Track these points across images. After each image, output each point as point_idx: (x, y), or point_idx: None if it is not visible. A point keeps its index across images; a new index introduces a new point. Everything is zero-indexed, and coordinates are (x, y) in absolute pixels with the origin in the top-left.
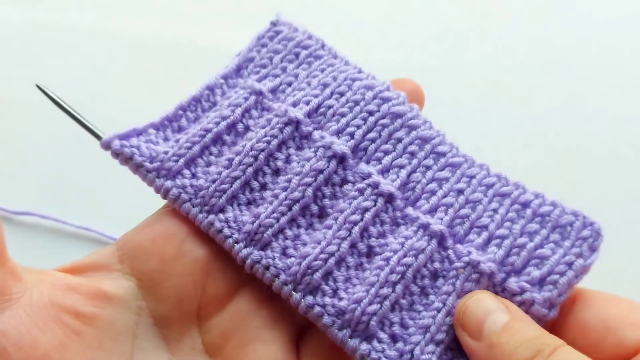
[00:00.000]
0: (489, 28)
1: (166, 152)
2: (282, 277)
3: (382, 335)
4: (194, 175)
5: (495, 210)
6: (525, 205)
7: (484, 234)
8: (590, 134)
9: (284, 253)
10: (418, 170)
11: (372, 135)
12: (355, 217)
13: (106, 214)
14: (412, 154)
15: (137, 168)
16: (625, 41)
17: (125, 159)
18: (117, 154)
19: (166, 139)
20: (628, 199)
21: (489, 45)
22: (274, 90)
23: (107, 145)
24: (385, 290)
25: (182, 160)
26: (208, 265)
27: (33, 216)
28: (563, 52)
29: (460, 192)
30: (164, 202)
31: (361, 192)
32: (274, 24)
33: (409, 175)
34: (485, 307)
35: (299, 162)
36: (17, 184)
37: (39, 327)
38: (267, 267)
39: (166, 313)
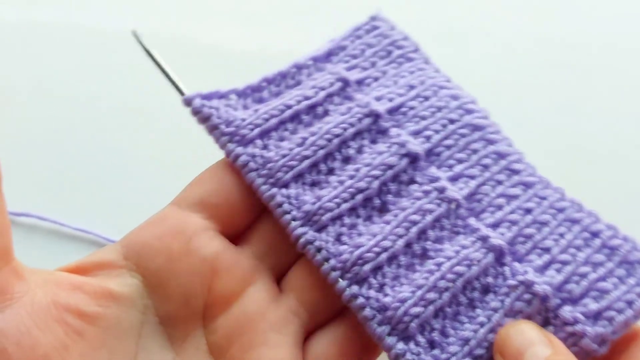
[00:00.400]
0: (490, 28)
1: (243, 119)
2: (332, 262)
3: (421, 339)
4: (265, 147)
5: (562, 235)
6: (596, 234)
7: (545, 257)
8: (590, 134)
9: (338, 239)
10: (488, 183)
11: (448, 142)
12: (416, 217)
13: (106, 216)
14: (485, 167)
15: (212, 129)
16: (626, 41)
17: (203, 118)
18: (196, 112)
19: (245, 108)
20: (628, 199)
21: (490, 45)
22: (359, 82)
23: (188, 102)
24: (432, 295)
25: (257, 130)
26: (215, 264)
27: (31, 217)
28: (563, 52)
29: (528, 211)
30: (166, 202)
31: (426, 194)
32: (373, 18)
33: (478, 186)
34: (528, 338)
35: (370, 154)
36: (16, 185)
37: (39, 327)
38: (319, 250)
39: (172, 312)
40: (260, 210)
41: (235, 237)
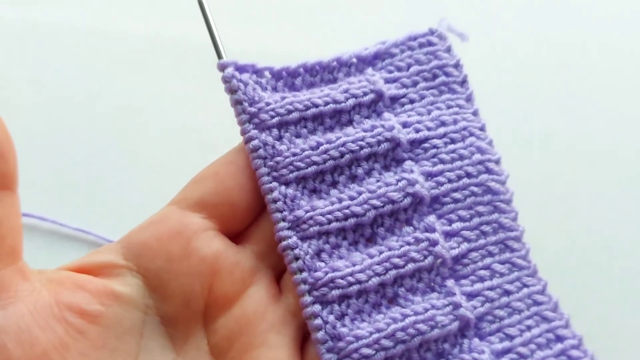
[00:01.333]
0: (489, 28)
1: (268, 104)
2: (305, 275)
3: None
4: (280, 138)
5: (529, 328)
6: (560, 339)
7: (506, 344)
8: (590, 134)
9: (318, 254)
10: (480, 251)
11: (457, 195)
12: (399, 261)
13: (106, 216)
14: (483, 234)
15: (236, 104)
16: (625, 41)
17: (231, 89)
18: (226, 81)
19: (275, 89)
20: (628, 199)
21: (489, 45)
22: (394, 99)
23: (222, 68)
24: (386, 343)
25: (276, 119)
26: (215, 265)
27: (32, 218)
28: (563, 52)
29: (507, 293)
30: (165, 202)
31: (417, 241)
32: (431, 32)
33: (469, 251)
34: None
35: (377, 181)
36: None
37: (39, 325)
38: (296, 258)
39: (173, 313)
40: (261, 209)
41: (236, 235)
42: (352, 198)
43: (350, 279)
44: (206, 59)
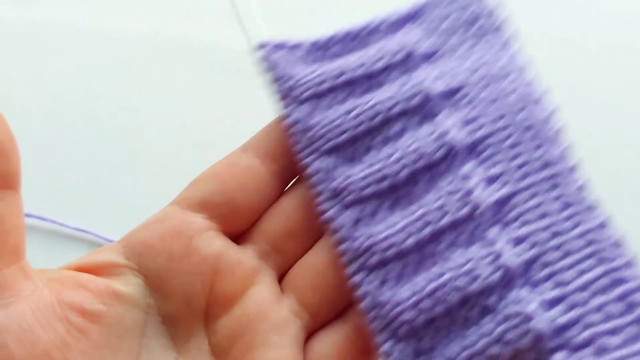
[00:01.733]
0: None
1: (301, 78)
2: (347, 244)
3: (407, 346)
4: (312, 111)
5: (583, 272)
6: (620, 281)
7: (558, 291)
8: (590, 133)
9: (356, 223)
10: (525, 192)
11: (494, 139)
12: (434, 216)
13: (106, 216)
14: (528, 174)
15: (271, 81)
16: (627, 39)
17: (267, 68)
18: (262, 60)
19: (307, 63)
20: (628, 198)
21: None
22: (425, 56)
23: (260, 47)
24: (426, 304)
25: (308, 92)
26: (217, 264)
27: (31, 218)
28: (563, 48)
29: (556, 234)
30: (166, 202)
31: (453, 193)
32: None
33: (511, 194)
34: None
35: (409, 139)
36: None
37: (41, 324)
38: (337, 229)
39: (174, 312)
40: (263, 209)
41: (238, 236)
42: (386, 159)
43: (385, 243)
44: (206, 59)
